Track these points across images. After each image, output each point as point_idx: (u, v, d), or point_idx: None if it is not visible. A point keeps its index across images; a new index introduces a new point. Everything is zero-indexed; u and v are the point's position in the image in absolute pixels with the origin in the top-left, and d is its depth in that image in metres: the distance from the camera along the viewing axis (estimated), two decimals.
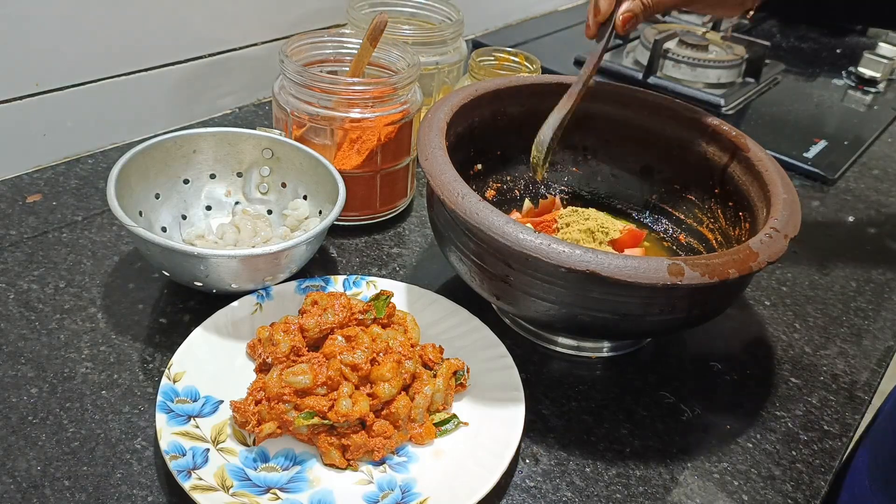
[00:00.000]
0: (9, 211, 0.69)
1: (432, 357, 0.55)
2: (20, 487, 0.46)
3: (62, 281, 0.62)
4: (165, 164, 0.65)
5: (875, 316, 0.70)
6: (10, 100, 0.70)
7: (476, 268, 0.55)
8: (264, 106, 0.92)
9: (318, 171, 0.65)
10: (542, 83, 0.70)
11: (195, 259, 0.55)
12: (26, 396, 0.52)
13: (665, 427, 0.57)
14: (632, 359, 0.63)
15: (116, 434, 0.50)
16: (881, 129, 1.07)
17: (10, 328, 0.57)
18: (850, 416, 0.59)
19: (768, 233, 0.53)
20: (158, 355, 0.56)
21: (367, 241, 0.72)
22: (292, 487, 0.48)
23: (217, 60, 0.85)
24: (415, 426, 0.52)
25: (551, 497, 0.50)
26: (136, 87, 0.79)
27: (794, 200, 0.58)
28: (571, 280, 0.50)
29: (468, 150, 0.68)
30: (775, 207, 0.56)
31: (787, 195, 0.58)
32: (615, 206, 0.74)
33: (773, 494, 0.53)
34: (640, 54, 1.14)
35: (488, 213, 0.51)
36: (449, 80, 0.85)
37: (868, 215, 0.87)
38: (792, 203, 0.57)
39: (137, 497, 0.47)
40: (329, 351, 0.52)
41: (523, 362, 0.56)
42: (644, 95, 0.70)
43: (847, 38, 1.42)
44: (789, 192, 0.58)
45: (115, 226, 0.69)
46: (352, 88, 0.66)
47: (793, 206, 0.57)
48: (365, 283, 0.62)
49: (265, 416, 0.49)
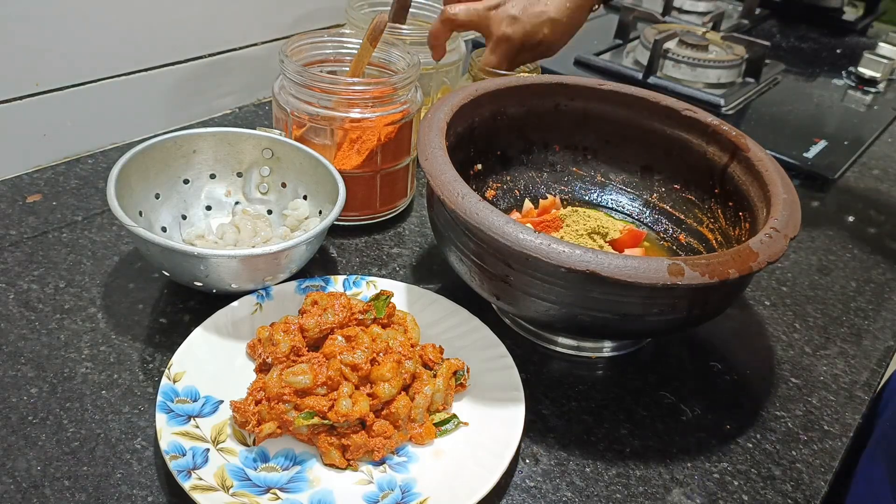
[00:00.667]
0: (9, 211, 0.69)
1: (432, 357, 0.55)
2: (20, 487, 0.46)
3: (62, 281, 0.62)
4: (165, 164, 0.65)
5: (875, 316, 0.70)
6: (10, 100, 0.70)
7: (476, 268, 0.55)
8: (264, 106, 0.92)
9: (318, 171, 0.65)
10: (542, 83, 0.70)
11: (195, 259, 0.55)
12: (26, 396, 0.52)
13: (665, 427, 0.57)
14: (632, 359, 0.63)
15: (116, 434, 0.50)
16: (881, 129, 1.07)
17: (10, 328, 0.57)
18: (850, 416, 0.59)
19: (768, 233, 0.53)
20: (158, 355, 0.57)
21: (367, 241, 0.72)
22: (292, 487, 0.48)
23: (217, 60, 0.85)
24: (415, 426, 0.52)
25: (551, 497, 0.50)
26: (136, 87, 0.79)
27: (794, 200, 0.58)
28: (571, 280, 0.50)
29: (468, 150, 0.68)
30: (775, 207, 0.56)
31: (787, 195, 0.58)
32: (615, 206, 0.74)
33: (773, 494, 0.53)
34: (640, 54, 1.14)
35: (488, 213, 0.51)
36: (448, 79, 0.85)
37: (868, 215, 0.87)
38: (792, 203, 0.57)
39: (137, 497, 0.47)
40: (329, 351, 0.52)
41: (523, 362, 0.56)
42: (644, 95, 0.70)
43: (847, 38, 1.43)
44: (789, 192, 0.58)
45: (115, 226, 0.69)
46: (352, 88, 0.66)
47: (793, 206, 0.57)
48: (365, 283, 0.62)
49: (265, 416, 0.49)
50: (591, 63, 1.12)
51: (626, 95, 0.70)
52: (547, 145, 0.74)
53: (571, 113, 0.71)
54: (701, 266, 0.48)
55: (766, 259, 0.51)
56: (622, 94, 0.70)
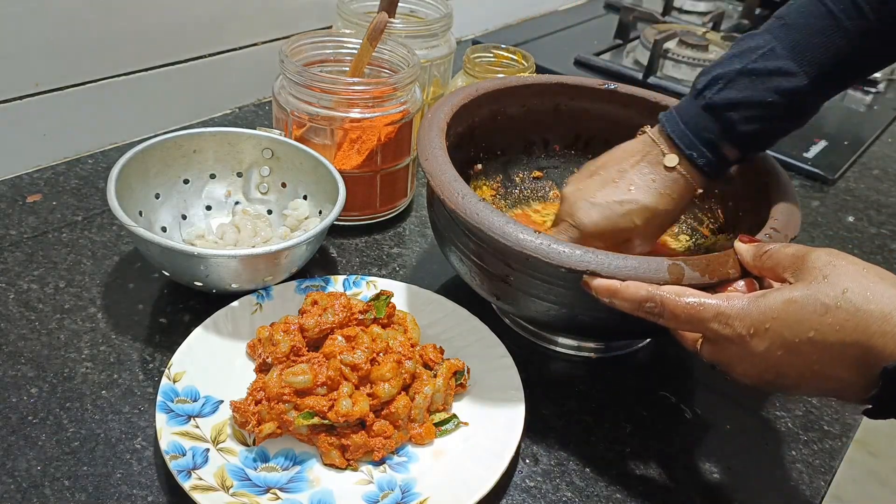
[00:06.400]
0: (9, 211, 0.69)
1: (432, 357, 0.55)
2: (20, 487, 0.46)
3: (62, 281, 0.62)
4: (165, 164, 0.65)
5: None
6: (10, 100, 0.70)
7: (476, 268, 0.55)
8: (264, 106, 0.92)
9: (318, 171, 0.65)
10: (542, 83, 0.70)
11: (195, 259, 0.55)
12: (26, 396, 0.52)
13: (665, 427, 0.57)
14: (632, 359, 0.63)
15: (116, 434, 0.50)
16: (881, 129, 1.07)
17: (10, 328, 0.57)
18: (849, 416, 0.59)
19: (768, 233, 0.53)
20: (158, 355, 0.56)
21: (367, 241, 0.72)
22: (292, 487, 0.48)
23: (217, 60, 0.85)
24: (415, 426, 0.52)
25: (551, 497, 0.50)
26: (136, 87, 0.79)
27: (794, 200, 0.58)
28: (571, 280, 0.50)
29: (468, 150, 0.68)
30: (775, 207, 0.56)
31: (787, 195, 0.58)
32: None
33: (773, 494, 0.53)
34: (640, 54, 1.14)
35: (488, 213, 0.51)
36: (439, 73, 0.86)
37: (868, 215, 0.87)
38: (792, 203, 0.57)
39: (137, 497, 0.47)
40: (329, 351, 0.52)
41: (523, 362, 0.56)
42: (644, 95, 0.70)
43: None
44: (789, 193, 0.58)
45: (115, 226, 0.69)
46: (352, 88, 0.66)
47: (793, 206, 0.57)
48: (365, 283, 0.62)
49: (265, 416, 0.49)
50: (591, 63, 1.11)
51: (626, 95, 0.70)
52: (547, 145, 0.74)
53: (571, 113, 0.71)
54: (701, 266, 0.48)
55: None
56: (622, 94, 0.70)
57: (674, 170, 0.56)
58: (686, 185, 0.57)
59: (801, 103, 0.53)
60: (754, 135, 0.54)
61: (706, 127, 0.55)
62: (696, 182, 0.57)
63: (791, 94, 0.53)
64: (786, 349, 0.42)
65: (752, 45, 0.54)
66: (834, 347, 0.40)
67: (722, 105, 0.54)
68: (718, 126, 0.54)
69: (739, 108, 0.53)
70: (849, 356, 0.40)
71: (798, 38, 0.52)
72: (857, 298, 0.40)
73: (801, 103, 0.54)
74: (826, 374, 0.42)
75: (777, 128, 0.55)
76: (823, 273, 0.42)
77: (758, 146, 0.57)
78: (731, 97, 0.53)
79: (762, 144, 0.57)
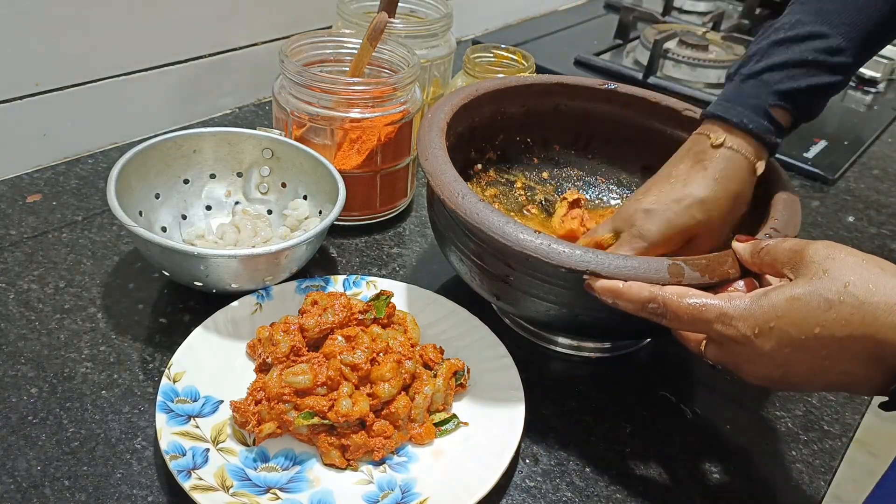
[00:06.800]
0: (9, 211, 0.69)
1: (432, 357, 0.55)
2: (20, 487, 0.46)
3: (62, 281, 0.62)
4: (165, 164, 0.65)
5: None
6: (10, 100, 0.70)
7: (476, 268, 0.55)
8: (264, 106, 0.92)
9: (318, 171, 0.65)
10: (542, 83, 0.70)
11: (195, 259, 0.55)
12: (26, 396, 0.52)
13: (665, 427, 0.57)
14: (632, 359, 0.63)
15: (116, 434, 0.50)
16: (881, 129, 1.07)
17: (10, 328, 0.57)
18: (850, 416, 0.59)
19: (768, 233, 0.53)
20: (158, 355, 0.56)
21: (367, 241, 0.72)
22: (292, 487, 0.48)
23: (217, 60, 0.85)
24: (415, 426, 0.52)
25: (551, 497, 0.50)
26: (136, 87, 0.79)
27: (794, 200, 0.58)
28: (571, 280, 0.50)
29: (468, 150, 0.68)
30: (775, 207, 0.56)
31: (787, 195, 0.58)
32: (616, 205, 0.74)
33: (773, 494, 0.52)
34: (640, 54, 1.14)
35: (488, 213, 0.51)
36: (439, 73, 0.86)
37: (868, 215, 0.87)
38: (792, 203, 0.57)
39: (137, 497, 0.47)
40: (329, 351, 0.52)
41: (523, 362, 0.56)
42: (644, 95, 0.70)
43: None
44: (789, 192, 0.58)
45: (115, 226, 0.69)
46: (352, 88, 0.66)
47: (793, 206, 0.57)
48: (365, 283, 0.62)
49: (265, 416, 0.49)
50: (591, 63, 1.11)
51: (626, 95, 0.70)
52: (547, 145, 0.74)
53: (571, 113, 0.71)
54: (701, 266, 0.48)
55: None
56: (622, 94, 0.70)
57: (722, 146, 0.55)
58: (741, 161, 0.54)
59: (840, 61, 0.54)
60: (800, 91, 0.54)
61: (750, 94, 0.54)
62: (750, 154, 0.54)
63: (828, 52, 0.53)
64: (793, 347, 0.42)
65: (777, 25, 0.55)
66: (842, 342, 0.40)
67: (761, 70, 0.54)
68: (763, 89, 0.54)
69: (780, 69, 0.54)
70: (858, 350, 0.40)
71: (820, 6, 0.53)
72: (860, 291, 0.40)
73: (842, 61, 0.54)
74: (836, 368, 0.41)
75: (822, 84, 0.54)
76: (823, 267, 0.42)
77: (808, 107, 0.56)
78: (769, 62, 0.54)
79: (811, 104, 0.55)
